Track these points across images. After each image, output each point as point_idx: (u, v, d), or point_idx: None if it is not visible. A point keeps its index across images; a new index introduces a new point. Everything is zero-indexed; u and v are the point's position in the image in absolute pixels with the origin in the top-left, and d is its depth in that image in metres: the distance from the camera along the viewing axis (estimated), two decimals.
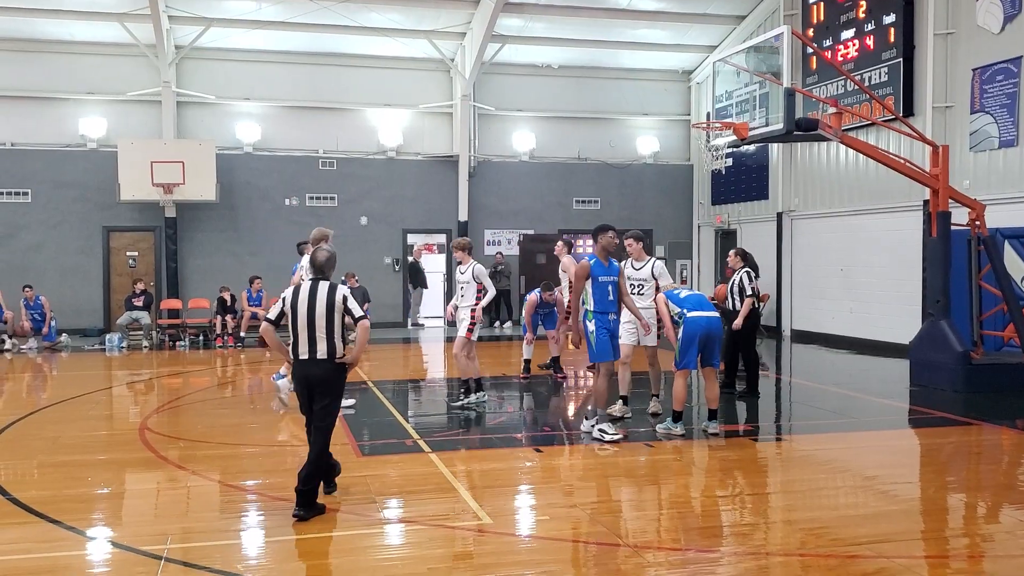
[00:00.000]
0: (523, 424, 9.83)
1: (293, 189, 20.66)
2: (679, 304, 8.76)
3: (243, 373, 14.66)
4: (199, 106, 20.24)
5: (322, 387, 6.23)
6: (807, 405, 11.38)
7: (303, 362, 6.23)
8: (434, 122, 21.63)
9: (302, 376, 6.27)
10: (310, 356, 6.21)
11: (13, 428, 9.31)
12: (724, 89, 12.82)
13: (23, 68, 19.34)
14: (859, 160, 16.61)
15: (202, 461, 7.84)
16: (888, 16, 15.72)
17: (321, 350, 6.19)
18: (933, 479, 7.53)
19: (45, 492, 6.78)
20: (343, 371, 6.33)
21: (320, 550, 5.56)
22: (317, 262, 6.43)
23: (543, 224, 22.03)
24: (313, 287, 6.28)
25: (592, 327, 8.49)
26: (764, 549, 5.52)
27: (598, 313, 8.50)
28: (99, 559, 5.53)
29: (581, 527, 5.92)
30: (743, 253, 11.34)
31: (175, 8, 18.73)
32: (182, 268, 19.91)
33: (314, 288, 6.27)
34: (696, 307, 8.70)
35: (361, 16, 19.04)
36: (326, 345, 6.20)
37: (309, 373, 6.22)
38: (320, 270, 6.42)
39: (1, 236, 19.12)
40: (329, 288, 6.28)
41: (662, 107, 22.94)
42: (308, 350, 6.21)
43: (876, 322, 16.34)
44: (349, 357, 6.31)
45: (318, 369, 6.20)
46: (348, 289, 6.40)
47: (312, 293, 6.24)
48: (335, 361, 6.23)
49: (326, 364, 6.20)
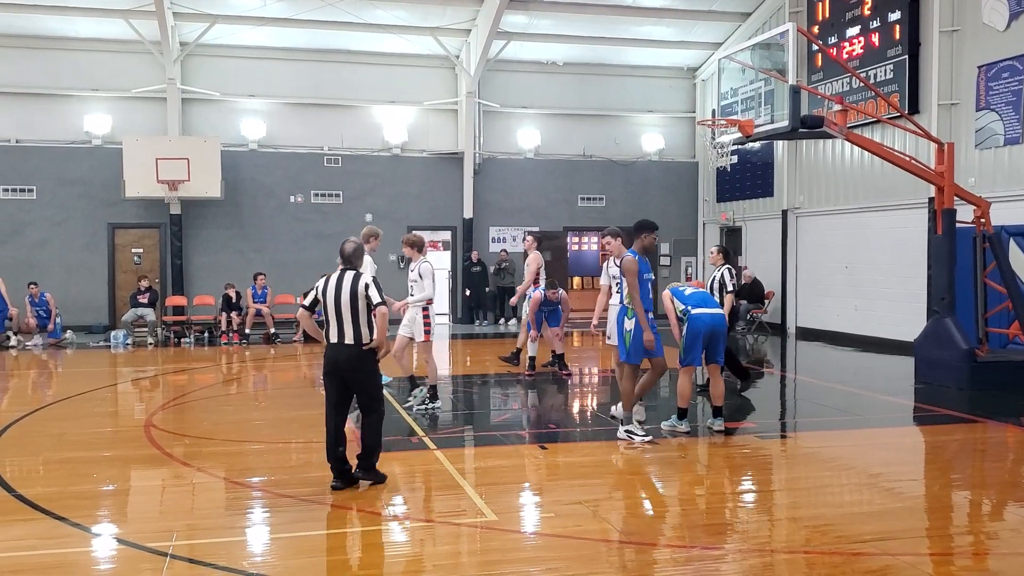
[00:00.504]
0: (528, 421, 9.83)
1: (298, 186, 20.67)
2: (683, 301, 8.77)
3: (248, 370, 14.69)
4: (204, 103, 20.26)
5: (350, 371, 6.68)
6: (812, 402, 11.36)
7: (333, 346, 6.72)
8: (439, 119, 21.62)
9: (332, 359, 6.73)
10: (339, 340, 6.69)
11: (18, 425, 9.34)
12: (729, 86, 12.79)
13: (28, 65, 19.37)
14: (864, 157, 16.57)
15: (207, 458, 7.86)
16: (893, 13, 15.69)
17: (348, 335, 6.65)
18: (938, 476, 7.52)
19: (50, 489, 6.80)
20: (371, 356, 6.72)
21: (326, 546, 5.57)
22: (344, 253, 6.85)
23: (548, 221, 22.02)
24: (340, 276, 6.74)
25: (631, 326, 8.20)
26: (769, 546, 5.52)
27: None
28: (104, 555, 5.54)
29: (586, 524, 5.92)
30: (724, 250, 11.28)
31: (180, 5, 18.74)
32: (187, 265, 19.94)
33: (341, 277, 6.73)
34: (700, 304, 8.72)
35: (366, 13, 19.04)
36: (353, 330, 6.64)
37: (338, 356, 6.69)
38: (347, 260, 6.83)
39: (6, 233, 19.16)
40: (354, 277, 6.72)
41: (667, 104, 22.90)
42: (337, 335, 6.69)
43: (881, 319, 16.31)
44: (374, 343, 6.67)
45: (346, 353, 6.66)
46: (371, 278, 6.78)
47: (339, 282, 6.71)
48: (361, 346, 6.64)
49: (353, 348, 6.65)
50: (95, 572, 5.30)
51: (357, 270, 6.85)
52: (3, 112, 19.35)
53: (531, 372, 12.57)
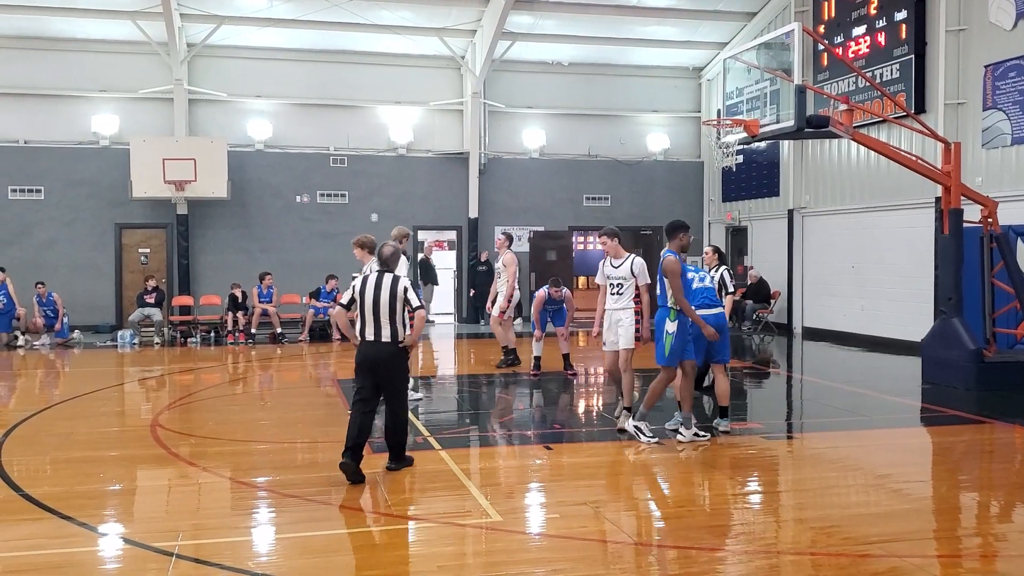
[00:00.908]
0: (533, 421, 9.82)
1: (304, 186, 20.70)
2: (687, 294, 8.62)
3: (254, 370, 14.71)
4: (211, 103, 20.31)
5: (385, 368, 7.02)
6: (818, 403, 11.34)
7: (369, 343, 7.03)
8: (444, 119, 21.64)
9: (366, 356, 7.04)
10: (376, 339, 7.01)
11: (26, 424, 9.36)
12: (735, 86, 12.77)
13: (36, 66, 19.43)
14: (870, 157, 16.53)
15: (213, 458, 7.88)
16: (900, 12, 15.65)
17: (385, 334, 7.00)
18: (945, 478, 7.50)
19: (57, 488, 6.81)
20: (405, 354, 7.12)
21: (331, 547, 5.58)
22: (383, 256, 7.29)
23: (553, 221, 22.02)
24: (379, 278, 7.11)
25: (673, 329, 8.10)
26: (775, 548, 5.50)
27: (682, 313, 8.14)
28: (111, 555, 5.56)
29: (591, 525, 5.92)
30: (718, 250, 11.13)
31: (187, 6, 18.79)
32: (194, 265, 19.99)
33: (380, 279, 7.09)
34: (703, 303, 8.66)
35: (372, 14, 19.06)
36: (389, 330, 7.00)
37: (375, 354, 7.00)
38: (385, 263, 7.25)
39: (15, 233, 19.23)
40: (393, 279, 7.10)
41: (672, 104, 22.88)
42: (374, 333, 7.01)
43: (887, 319, 16.27)
44: (408, 341, 7.07)
45: (382, 351, 7.00)
46: (409, 281, 7.20)
47: (378, 283, 7.07)
48: (397, 344, 7.01)
49: (390, 347, 7.00)
50: (101, 572, 5.31)
51: (395, 272, 7.22)
52: (11, 113, 19.42)
53: (536, 372, 12.56)
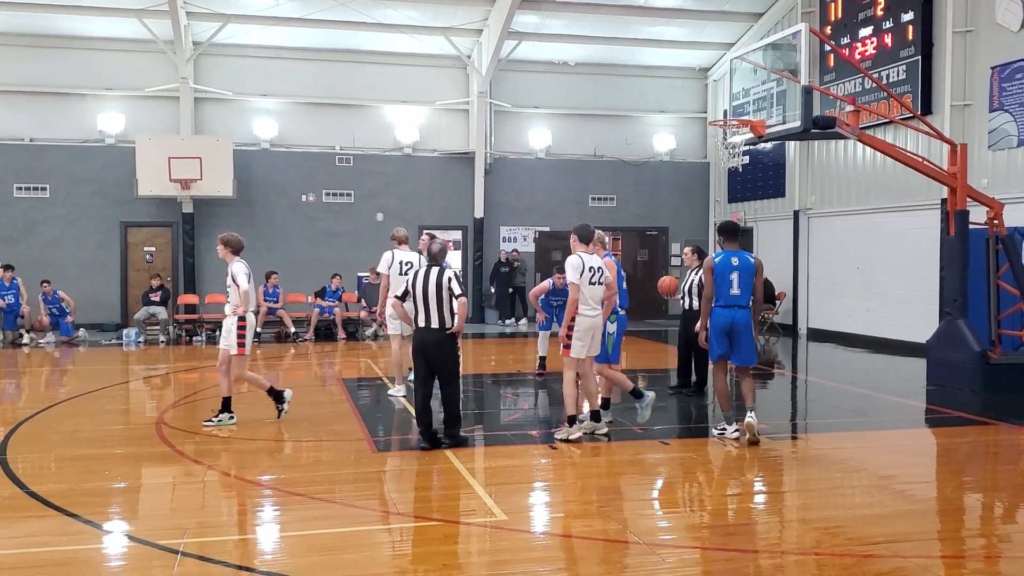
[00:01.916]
0: (538, 421, 9.82)
1: (310, 185, 20.73)
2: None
3: (259, 368, 14.72)
4: (217, 102, 20.34)
5: (435, 351, 7.90)
6: (823, 404, 11.33)
7: (421, 330, 7.97)
8: (450, 119, 21.65)
9: (420, 340, 7.97)
10: (427, 325, 7.92)
11: (31, 422, 9.39)
12: (741, 87, 12.75)
13: (42, 64, 19.49)
14: (876, 158, 16.51)
15: (218, 456, 7.89)
16: (906, 14, 15.62)
17: (435, 321, 7.88)
18: (950, 479, 7.48)
19: (63, 485, 6.83)
20: (454, 339, 7.98)
21: (335, 545, 5.58)
22: (432, 252, 8.20)
23: (558, 221, 22.01)
24: (428, 271, 8.02)
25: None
26: (779, 548, 5.50)
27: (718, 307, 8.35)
28: (116, 553, 5.57)
29: (596, 524, 5.92)
30: (699, 250, 11.05)
31: (193, 4, 18.83)
32: (199, 263, 20.02)
33: (428, 272, 8.01)
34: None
35: (378, 13, 19.08)
36: (438, 317, 7.87)
37: (426, 339, 7.93)
38: (434, 258, 8.18)
39: (20, 231, 19.28)
40: (439, 271, 7.97)
41: (679, 104, 22.87)
42: (425, 320, 7.93)
43: (893, 321, 16.25)
44: (455, 328, 7.90)
45: (433, 336, 7.90)
46: (454, 272, 8.03)
47: (427, 276, 7.98)
48: (445, 330, 7.86)
49: (439, 332, 7.88)
50: (107, 569, 5.32)
51: (442, 266, 8.06)
52: (17, 111, 19.48)
53: (541, 372, 12.55)
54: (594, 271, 8.16)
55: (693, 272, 10.77)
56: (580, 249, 8.25)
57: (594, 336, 8.27)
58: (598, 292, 8.25)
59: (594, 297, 8.21)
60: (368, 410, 10.32)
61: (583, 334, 8.20)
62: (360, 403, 10.73)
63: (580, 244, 8.27)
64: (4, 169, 19.29)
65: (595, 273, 8.16)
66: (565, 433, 8.30)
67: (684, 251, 11.24)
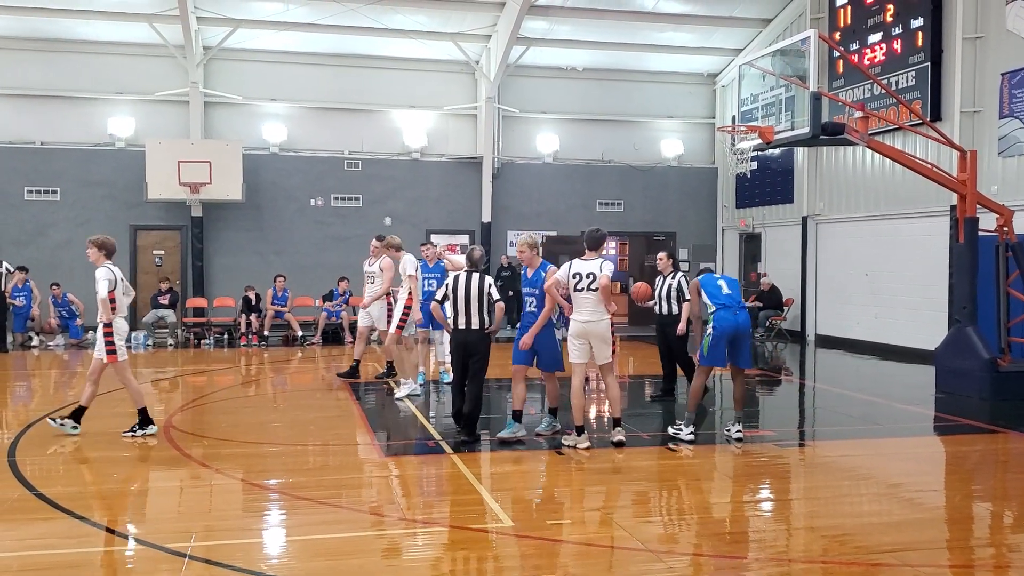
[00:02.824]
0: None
1: (318, 189, 20.77)
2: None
3: (267, 372, 14.76)
4: (226, 106, 20.41)
5: (473, 349, 8.43)
6: (831, 411, 11.29)
7: (460, 331, 8.48)
8: (458, 124, 21.68)
9: (460, 341, 8.49)
10: (466, 326, 8.43)
11: (40, 424, 9.42)
12: (749, 92, 12.74)
13: (53, 68, 19.58)
14: (885, 164, 16.47)
15: (226, 459, 7.90)
16: (916, 20, 15.59)
17: (474, 322, 8.42)
18: (959, 487, 7.45)
19: (71, 488, 6.86)
20: (489, 339, 8.52)
21: (341, 550, 5.59)
22: (473, 258, 8.73)
23: (566, 226, 22.01)
24: (468, 276, 8.54)
25: (709, 328, 8.55)
26: (787, 556, 5.48)
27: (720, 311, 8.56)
28: (124, 555, 5.58)
29: (602, 531, 5.91)
30: (673, 256, 10.97)
31: (203, 9, 18.90)
32: (208, 267, 20.07)
33: (469, 277, 8.53)
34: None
35: (387, 18, 19.12)
36: (477, 319, 8.41)
37: (465, 339, 8.45)
38: (474, 264, 8.69)
39: (31, 234, 19.36)
40: (480, 277, 8.53)
41: (687, 110, 22.86)
42: (465, 322, 8.44)
43: (901, 328, 16.19)
44: (492, 328, 8.47)
45: (472, 336, 8.42)
46: (491, 279, 8.60)
47: (468, 280, 8.49)
48: (484, 331, 8.44)
49: (477, 333, 8.43)
50: (115, 572, 5.34)
51: (482, 272, 8.62)
52: (28, 114, 19.57)
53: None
54: (581, 277, 8.07)
55: (668, 278, 10.72)
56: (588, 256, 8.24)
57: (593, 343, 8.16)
58: (586, 299, 8.09)
59: (584, 306, 8.11)
60: (374, 414, 10.32)
61: (574, 339, 8.24)
62: (367, 407, 10.74)
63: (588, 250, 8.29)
64: (15, 172, 19.37)
65: (582, 279, 8.07)
66: (572, 440, 8.30)
67: (659, 256, 11.01)
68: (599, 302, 8.04)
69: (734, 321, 8.52)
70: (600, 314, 8.07)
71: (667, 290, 10.67)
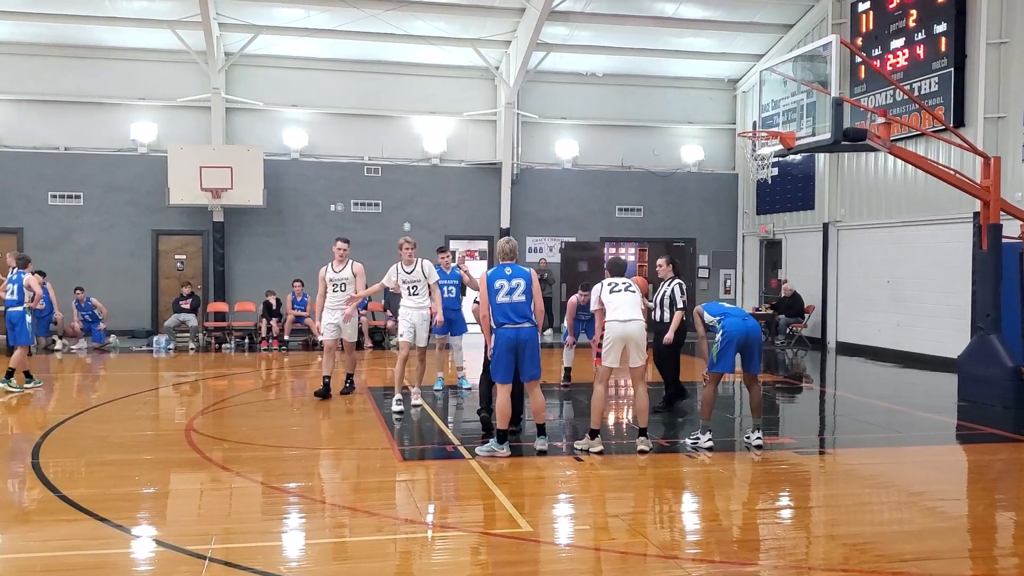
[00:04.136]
0: (563, 433, 9.80)
1: (338, 195, 20.88)
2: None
3: (287, 376, 14.83)
4: (247, 112, 20.56)
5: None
6: (852, 418, 11.20)
7: None
8: (478, 130, 21.73)
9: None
10: None
11: (63, 427, 9.52)
12: (770, 98, 12.70)
13: (77, 74, 19.80)
14: (907, 171, 16.36)
15: (246, 463, 7.94)
16: (939, 25, 15.48)
17: None
18: (982, 496, 7.37)
19: (93, 490, 6.92)
20: None
21: (360, 553, 5.61)
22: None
23: (585, 232, 22.01)
24: None
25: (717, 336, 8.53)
26: (806, 564, 5.45)
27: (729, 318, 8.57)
28: (145, 557, 5.62)
29: (621, 537, 5.90)
30: (673, 261, 10.82)
31: (225, 16, 19.06)
32: (229, 271, 20.22)
33: None
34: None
35: (408, 24, 19.21)
36: None
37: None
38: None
39: (55, 238, 19.57)
40: None
41: (707, 116, 22.80)
42: None
43: (924, 335, 16.06)
44: None
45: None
46: None
47: None
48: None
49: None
50: (136, 574, 5.37)
51: None
52: (53, 120, 19.80)
53: (566, 383, 12.53)
54: (617, 284, 8.47)
55: (665, 284, 10.63)
56: None
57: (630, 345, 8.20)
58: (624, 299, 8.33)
59: (622, 305, 8.29)
60: (393, 419, 10.35)
61: (610, 342, 8.25)
62: (386, 412, 10.76)
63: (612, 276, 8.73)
64: (40, 177, 19.60)
65: (618, 285, 8.45)
66: (586, 444, 8.29)
67: (659, 262, 10.90)
68: (637, 304, 8.35)
69: (744, 327, 8.49)
70: (639, 313, 8.35)
71: (662, 296, 10.58)
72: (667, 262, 10.80)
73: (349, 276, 11.27)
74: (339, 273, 11.26)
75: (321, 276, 11.39)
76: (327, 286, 11.33)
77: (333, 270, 11.29)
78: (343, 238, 11.81)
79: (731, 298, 22.33)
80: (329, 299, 11.33)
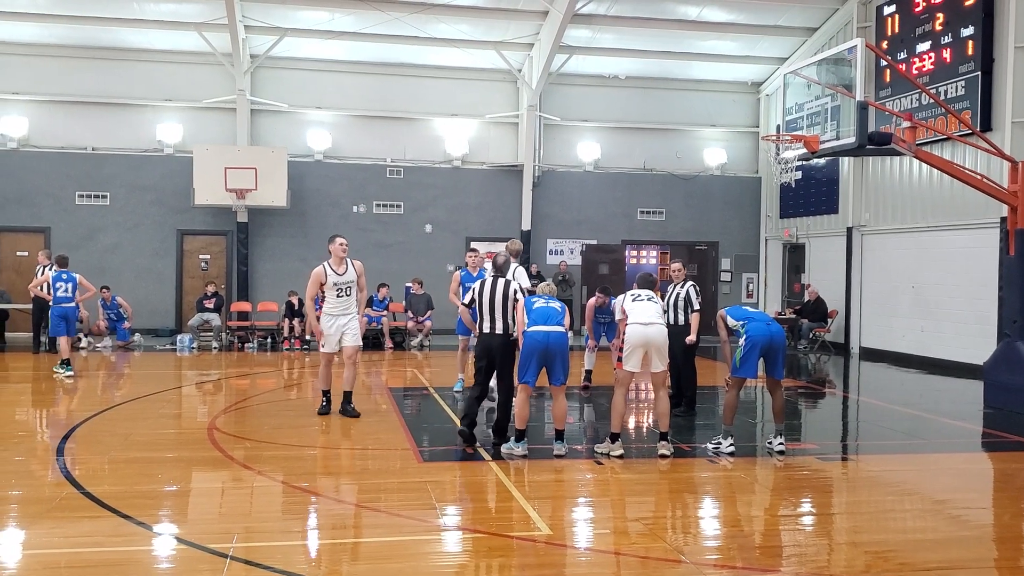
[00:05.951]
0: (583, 435, 9.79)
1: (361, 196, 20.97)
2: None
3: (309, 376, 14.89)
4: (272, 114, 20.69)
5: (499, 353, 8.57)
6: (875, 424, 11.11)
7: (486, 335, 8.62)
8: (500, 132, 21.75)
9: (486, 345, 8.63)
10: (491, 331, 8.59)
11: (88, 424, 9.61)
12: (795, 101, 12.63)
13: (104, 75, 20.01)
14: (933, 175, 16.21)
15: (267, 462, 7.99)
16: (966, 28, 15.33)
17: (499, 327, 8.56)
18: (1008, 505, 7.27)
19: (117, 487, 6.97)
20: (514, 344, 8.55)
21: (380, 554, 5.62)
22: (497, 264, 8.88)
23: (606, 234, 21.97)
24: (494, 282, 8.66)
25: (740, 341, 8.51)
26: (828, 571, 5.40)
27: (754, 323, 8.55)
28: (166, 555, 5.66)
29: (641, 542, 5.87)
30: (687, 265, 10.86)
31: (251, 18, 19.21)
32: (252, 272, 20.35)
33: (495, 282, 8.65)
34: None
35: (431, 27, 19.27)
36: (502, 323, 8.55)
37: (491, 343, 8.60)
38: (499, 269, 8.84)
39: (81, 237, 19.78)
40: (506, 283, 8.63)
41: (730, 119, 22.70)
42: (490, 327, 8.59)
43: (949, 341, 15.90)
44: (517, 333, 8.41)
45: (496, 340, 8.56)
46: (519, 284, 8.73)
47: (493, 286, 8.61)
48: (508, 336, 8.56)
49: (501, 337, 8.56)
50: (158, 571, 5.42)
51: (507, 278, 8.75)
52: (81, 120, 20.03)
53: (586, 385, 12.51)
54: (639, 295, 8.59)
55: (678, 286, 10.56)
56: None
57: (652, 350, 8.23)
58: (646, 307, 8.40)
59: (645, 312, 8.36)
60: (414, 420, 10.37)
61: (631, 347, 8.24)
62: (406, 413, 10.80)
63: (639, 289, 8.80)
64: (67, 177, 19.83)
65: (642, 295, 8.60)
66: (606, 448, 8.27)
67: (674, 268, 10.80)
68: (659, 312, 8.49)
69: (767, 331, 8.46)
70: (661, 318, 8.46)
71: (675, 299, 10.51)
72: (682, 267, 10.88)
73: (354, 277, 10.28)
74: (343, 276, 10.15)
75: (316, 279, 10.18)
76: (325, 291, 10.25)
77: (336, 272, 10.14)
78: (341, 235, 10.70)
79: (753, 302, 22.23)
80: (332, 305, 10.25)
